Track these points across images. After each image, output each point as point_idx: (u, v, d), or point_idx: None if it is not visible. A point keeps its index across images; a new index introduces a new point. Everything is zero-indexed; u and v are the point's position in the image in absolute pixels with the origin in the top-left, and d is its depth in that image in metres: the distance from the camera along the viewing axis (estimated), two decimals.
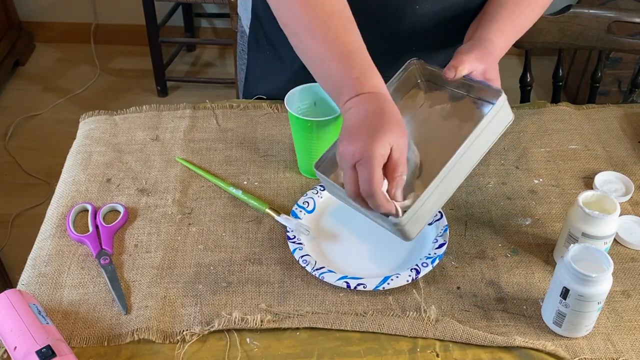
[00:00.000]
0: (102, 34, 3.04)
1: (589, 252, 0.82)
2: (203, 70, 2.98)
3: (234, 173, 1.09)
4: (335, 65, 0.87)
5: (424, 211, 0.84)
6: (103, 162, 1.10)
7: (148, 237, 0.98)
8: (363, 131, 0.80)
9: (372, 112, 0.82)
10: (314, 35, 0.89)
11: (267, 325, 0.86)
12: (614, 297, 0.90)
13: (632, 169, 1.10)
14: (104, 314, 0.88)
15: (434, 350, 0.84)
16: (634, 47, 1.43)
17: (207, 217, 1.01)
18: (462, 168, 0.86)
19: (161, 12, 2.65)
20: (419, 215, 0.83)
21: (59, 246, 0.97)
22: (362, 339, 0.86)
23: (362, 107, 0.82)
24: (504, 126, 0.89)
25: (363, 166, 0.78)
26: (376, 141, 0.78)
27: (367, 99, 0.83)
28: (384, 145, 0.78)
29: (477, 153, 0.87)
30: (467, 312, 0.89)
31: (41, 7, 3.00)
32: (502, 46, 0.96)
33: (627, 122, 1.19)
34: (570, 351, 0.84)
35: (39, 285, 0.92)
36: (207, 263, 0.95)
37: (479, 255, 0.96)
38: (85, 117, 1.20)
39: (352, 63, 0.86)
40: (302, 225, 0.97)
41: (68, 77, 2.90)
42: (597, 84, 1.56)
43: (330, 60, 0.87)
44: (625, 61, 2.37)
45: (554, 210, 1.03)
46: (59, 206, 1.03)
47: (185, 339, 0.85)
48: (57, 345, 0.78)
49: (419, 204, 0.82)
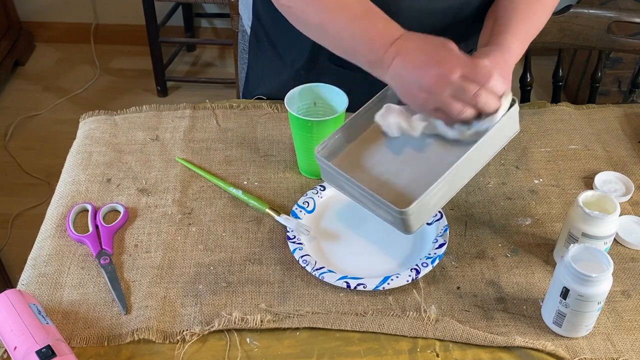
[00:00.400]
0: (102, 34, 3.04)
1: (589, 252, 0.82)
2: (203, 70, 2.98)
3: (234, 173, 1.09)
4: (354, 25, 0.87)
5: (429, 205, 0.85)
6: (103, 162, 1.10)
7: (148, 237, 0.98)
8: (433, 54, 0.83)
9: (424, 43, 0.83)
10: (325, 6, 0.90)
11: (267, 325, 0.86)
12: (614, 297, 0.90)
13: (632, 169, 1.10)
14: (104, 314, 0.88)
15: (434, 350, 0.84)
16: (634, 47, 1.43)
17: (207, 217, 1.01)
18: (469, 169, 0.88)
19: (161, 12, 2.65)
20: (424, 208, 0.84)
21: (59, 246, 0.97)
22: (362, 339, 0.86)
23: (410, 46, 0.84)
24: (512, 134, 0.92)
25: (471, 70, 0.81)
26: (454, 50, 0.83)
27: (407, 40, 0.84)
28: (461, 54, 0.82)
29: (484, 156, 0.89)
30: (467, 312, 0.89)
31: (41, 7, 3.00)
32: (517, 52, 0.95)
33: (627, 122, 1.19)
34: (570, 351, 0.84)
35: (39, 285, 0.92)
36: (207, 263, 0.95)
37: (479, 255, 0.96)
38: (85, 117, 1.20)
39: (371, 19, 0.87)
40: (302, 225, 0.97)
41: (68, 77, 2.90)
42: (597, 84, 1.56)
43: (349, 23, 0.88)
44: (625, 61, 2.37)
45: (554, 210, 1.03)
46: (59, 206, 1.03)
47: (185, 339, 0.85)
48: (57, 345, 0.78)
49: (426, 197, 0.83)
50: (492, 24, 1.00)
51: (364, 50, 0.89)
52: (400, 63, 0.84)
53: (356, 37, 0.88)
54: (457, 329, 0.86)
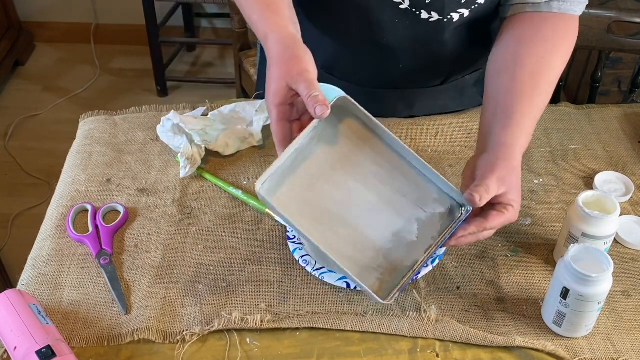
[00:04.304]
0: (102, 34, 3.04)
1: (589, 252, 0.82)
2: (203, 70, 2.98)
3: (234, 173, 1.09)
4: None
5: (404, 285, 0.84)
6: (103, 162, 1.10)
7: (148, 237, 0.98)
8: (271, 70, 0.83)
9: (277, 55, 0.83)
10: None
11: (267, 325, 0.86)
12: (614, 297, 0.90)
13: (632, 169, 1.10)
14: (104, 314, 0.88)
15: (434, 351, 0.84)
16: (634, 47, 1.43)
17: (207, 217, 1.01)
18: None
19: (161, 12, 2.65)
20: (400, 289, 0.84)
21: (59, 246, 0.97)
22: (362, 339, 0.86)
23: (270, 49, 0.84)
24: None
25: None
26: (268, 95, 0.82)
27: (270, 42, 0.85)
28: (274, 97, 0.80)
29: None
30: (467, 312, 0.89)
31: (41, 7, 3.00)
32: (524, 146, 0.90)
33: (627, 122, 1.19)
34: (570, 351, 0.84)
35: (39, 285, 0.92)
36: (207, 263, 0.95)
37: (479, 255, 0.96)
38: (85, 117, 1.20)
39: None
40: None
41: (68, 77, 2.90)
42: (597, 84, 1.56)
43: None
44: (625, 61, 2.37)
45: (554, 210, 1.03)
46: (59, 206, 1.03)
47: (185, 339, 0.85)
48: (57, 345, 0.78)
49: (402, 284, 0.83)
50: (494, 109, 0.93)
51: (255, 28, 0.90)
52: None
53: (249, 11, 0.90)
54: (457, 329, 0.86)
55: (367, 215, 0.85)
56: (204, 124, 1.10)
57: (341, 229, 0.84)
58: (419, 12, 1.00)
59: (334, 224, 0.84)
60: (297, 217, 0.81)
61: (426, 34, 1.03)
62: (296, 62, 0.80)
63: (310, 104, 0.78)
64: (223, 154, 1.11)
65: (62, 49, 3.04)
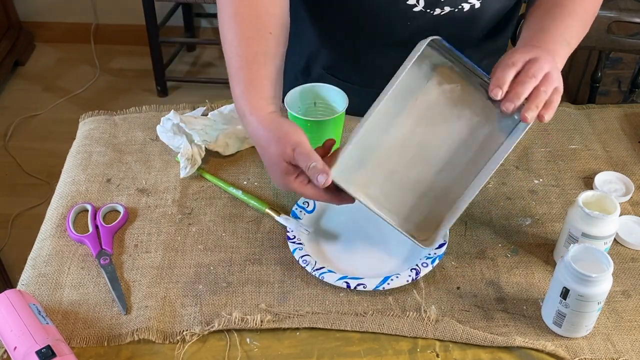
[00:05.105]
0: (102, 34, 3.04)
1: (589, 252, 0.82)
2: (203, 70, 2.98)
3: (234, 173, 1.09)
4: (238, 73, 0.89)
5: (448, 228, 0.90)
6: (103, 162, 1.10)
7: (148, 237, 0.98)
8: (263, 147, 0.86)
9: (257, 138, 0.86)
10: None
11: (267, 325, 0.86)
12: (614, 297, 0.90)
13: (632, 169, 1.10)
14: (104, 314, 0.88)
15: (434, 351, 0.84)
16: (634, 47, 1.43)
17: (207, 217, 1.01)
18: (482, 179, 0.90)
19: (161, 12, 2.65)
20: (444, 233, 0.90)
21: (59, 246, 0.97)
22: (362, 339, 0.86)
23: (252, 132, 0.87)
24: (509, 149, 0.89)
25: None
26: (276, 180, 0.86)
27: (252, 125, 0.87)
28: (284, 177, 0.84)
29: (495, 164, 0.90)
30: (467, 312, 0.89)
31: (41, 7, 3.00)
32: (562, 54, 0.91)
33: (627, 122, 1.19)
34: (570, 351, 0.84)
35: (39, 285, 0.92)
36: (207, 263, 0.95)
37: (479, 255, 0.96)
38: (85, 117, 1.20)
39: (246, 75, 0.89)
40: (302, 225, 0.97)
41: (68, 77, 2.90)
42: (597, 84, 1.56)
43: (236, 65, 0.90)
44: (625, 61, 2.37)
45: (554, 210, 1.03)
46: (59, 206, 1.03)
47: (185, 339, 0.85)
48: (57, 345, 0.78)
49: (445, 227, 0.89)
50: (531, 34, 0.95)
51: (236, 102, 0.90)
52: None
53: (234, 82, 0.90)
54: (457, 329, 0.86)
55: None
56: (204, 124, 1.10)
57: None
58: (432, 10, 1.00)
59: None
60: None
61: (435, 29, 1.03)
62: (286, 139, 0.82)
63: (312, 177, 0.81)
64: (223, 154, 1.11)
65: (62, 49, 3.04)
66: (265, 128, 0.84)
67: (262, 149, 0.86)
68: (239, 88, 0.88)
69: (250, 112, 0.86)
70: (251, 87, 0.88)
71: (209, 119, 1.12)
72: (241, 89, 0.88)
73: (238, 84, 0.89)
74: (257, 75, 0.88)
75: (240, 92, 0.88)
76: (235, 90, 0.89)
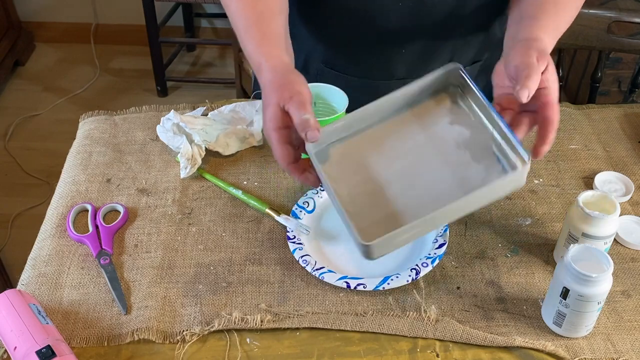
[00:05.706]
0: (102, 34, 3.04)
1: (589, 252, 0.82)
2: (203, 70, 2.98)
3: (234, 173, 1.09)
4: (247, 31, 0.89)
5: (396, 241, 0.80)
6: (103, 162, 1.10)
7: (148, 237, 0.98)
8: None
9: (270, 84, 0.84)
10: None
11: (267, 325, 0.86)
12: (614, 297, 0.90)
13: (632, 169, 1.10)
14: (104, 314, 0.88)
15: (434, 351, 0.84)
16: (634, 47, 1.43)
17: (207, 217, 1.01)
18: (451, 215, 0.81)
19: (161, 12, 2.65)
20: (391, 243, 0.80)
21: (59, 246, 0.97)
22: (362, 339, 0.86)
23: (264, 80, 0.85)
24: (512, 190, 0.83)
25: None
26: (265, 121, 0.82)
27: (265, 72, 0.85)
28: (271, 121, 0.81)
29: (471, 206, 0.81)
30: (467, 312, 0.89)
31: (41, 7, 3.00)
32: (550, 43, 0.89)
33: (627, 122, 1.19)
34: (570, 351, 0.84)
35: (39, 285, 0.92)
36: (207, 263, 0.95)
37: (479, 255, 0.96)
38: (85, 117, 1.20)
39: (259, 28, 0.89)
40: (302, 225, 0.97)
41: (68, 77, 2.90)
42: (597, 84, 1.56)
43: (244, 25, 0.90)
44: (625, 61, 2.37)
45: (554, 210, 1.03)
46: (59, 206, 1.03)
47: (185, 339, 0.85)
48: (57, 345, 0.78)
49: (393, 236, 0.78)
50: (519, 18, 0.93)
51: (250, 58, 0.90)
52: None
53: (245, 41, 0.90)
54: (457, 329, 0.86)
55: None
56: (204, 123, 1.10)
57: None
58: None
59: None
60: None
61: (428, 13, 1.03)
62: (290, 85, 0.81)
63: (300, 128, 0.78)
64: (223, 154, 1.11)
65: (62, 49, 3.04)
66: (275, 72, 0.83)
67: (265, 89, 0.84)
68: (251, 45, 0.88)
69: (267, 59, 0.85)
70: (265, 40, 0.88)
71: (209, 119, 1.12)
72: (254, 45, 0.88)
73: (250, 41, 0.89)
74: (268, 29, 0.89)
75: (253, 47, 0.88)
76: (248, 48, 0.89)
